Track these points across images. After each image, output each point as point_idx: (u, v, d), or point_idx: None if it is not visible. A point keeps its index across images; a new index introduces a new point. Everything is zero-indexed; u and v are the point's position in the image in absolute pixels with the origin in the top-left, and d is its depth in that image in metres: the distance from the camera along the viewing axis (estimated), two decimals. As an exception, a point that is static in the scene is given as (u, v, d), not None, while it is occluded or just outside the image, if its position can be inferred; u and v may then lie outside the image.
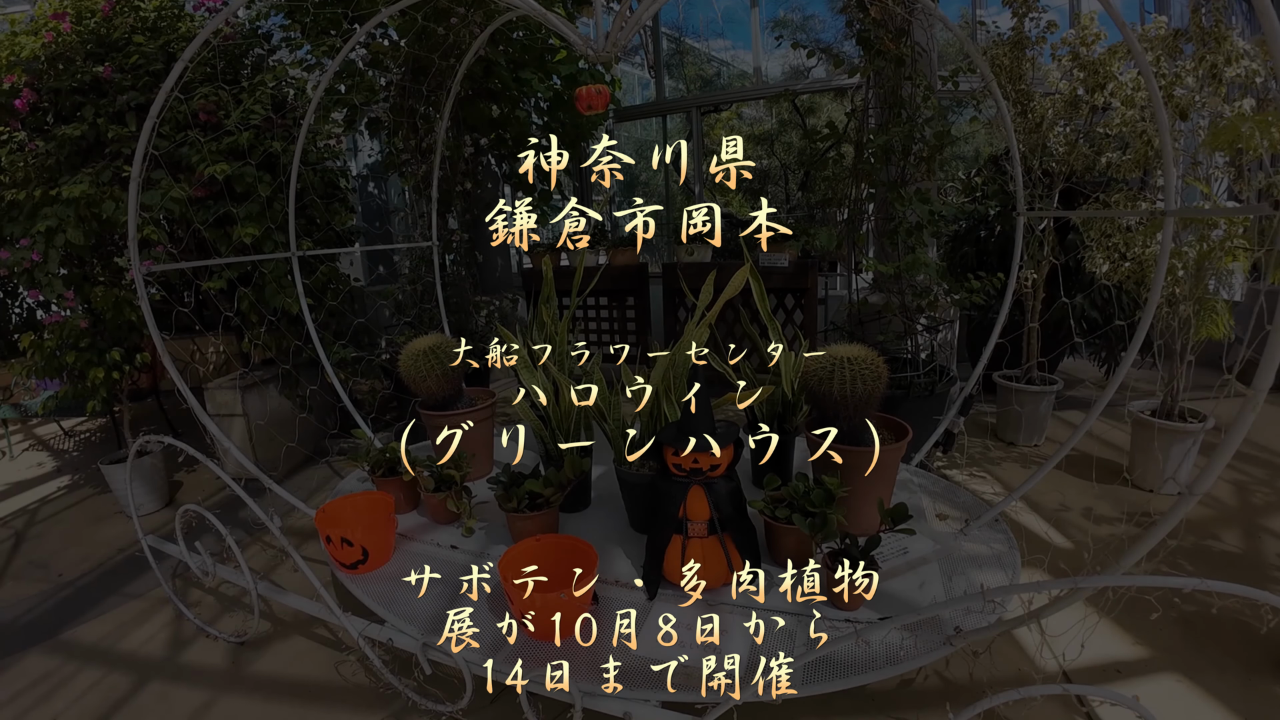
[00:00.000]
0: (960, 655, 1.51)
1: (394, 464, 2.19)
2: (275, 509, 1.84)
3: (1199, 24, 2.51)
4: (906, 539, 1.85)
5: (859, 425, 1.86)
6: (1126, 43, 1.77)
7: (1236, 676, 1.70)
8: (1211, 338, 2.58)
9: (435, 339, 2.35)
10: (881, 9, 2.80)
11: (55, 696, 1.86)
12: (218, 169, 2.74)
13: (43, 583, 2.48)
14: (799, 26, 7.83)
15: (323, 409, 3.39)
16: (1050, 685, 1.17)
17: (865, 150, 3.10)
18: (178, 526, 2.05)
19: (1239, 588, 1.03)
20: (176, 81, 1.78)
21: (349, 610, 1.72)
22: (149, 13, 3.14)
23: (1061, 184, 3.14)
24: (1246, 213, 2.43)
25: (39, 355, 2.82)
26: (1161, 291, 1.94)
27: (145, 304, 1.87)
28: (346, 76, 3.62)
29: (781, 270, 3.85)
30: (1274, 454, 3.01)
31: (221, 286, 2.90)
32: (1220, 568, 2.19)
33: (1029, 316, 3.25)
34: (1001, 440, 3.39)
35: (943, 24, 2.49)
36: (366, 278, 5.47)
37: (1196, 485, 1.14)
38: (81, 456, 3.83)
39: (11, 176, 2.80)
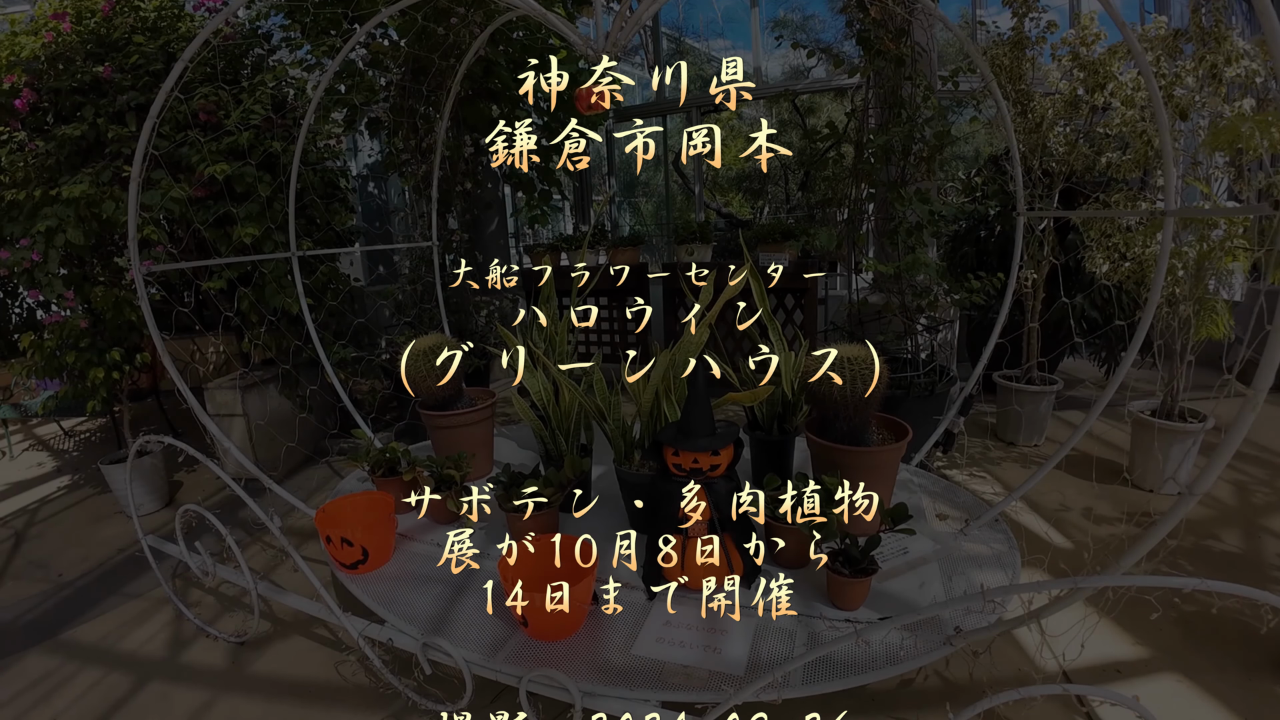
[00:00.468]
0: (960, 655, 1.51)
1: (394, 464, 2.19)
2: (275, 509, 1.84)
3: (1199, 24, 2.51)
4: (906, 539, 1.85)
5: (859, 425, 1.86)
6: (1126, 43, 1.77)
7: (1236, 676, 1.70)
8: (1211, 338, 2.58)
9: (435, 339, 2.35)
10: (881, 9, 2.80)
11: (55, 696, 1.86)
12: (218, 169, 2.74)
13: (43, 583, 2.48)
14: (799, 26, 7.84)
15: (323, 409, 3.39)
16: (1050, 685, 1.17)
17: (865, 150, 3.10)
18: (178, 526, 2.05)
19: (1239, 588, 1.03)
20: (176, 81, 1.78)
21: (349, 610, 1.72)
22: (149, 13, 3.14)
23: (1061, 184, 3.14)
24: (1246, 213, 2.43)
25: (39, 355, 2.82)
26: (1161, 291, 1.94)
27: (145, 304, 1.87)
28: (346, 76, 3.62)
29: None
30: (1274, 454, 3.01)
31: (221, 286, 2.90)
32: (1220, 568, 2.19)
33: (1029, 316, 3.25)
34: (1001, 440, 3.39)
35: (943, 24, 2.49)
36: (366, 278, 5.47)
37: (1196, 485, 1.14)
38: (81, 456, 3.83)
39: (11, 176, 2.80)
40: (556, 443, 2.18)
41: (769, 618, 1.59)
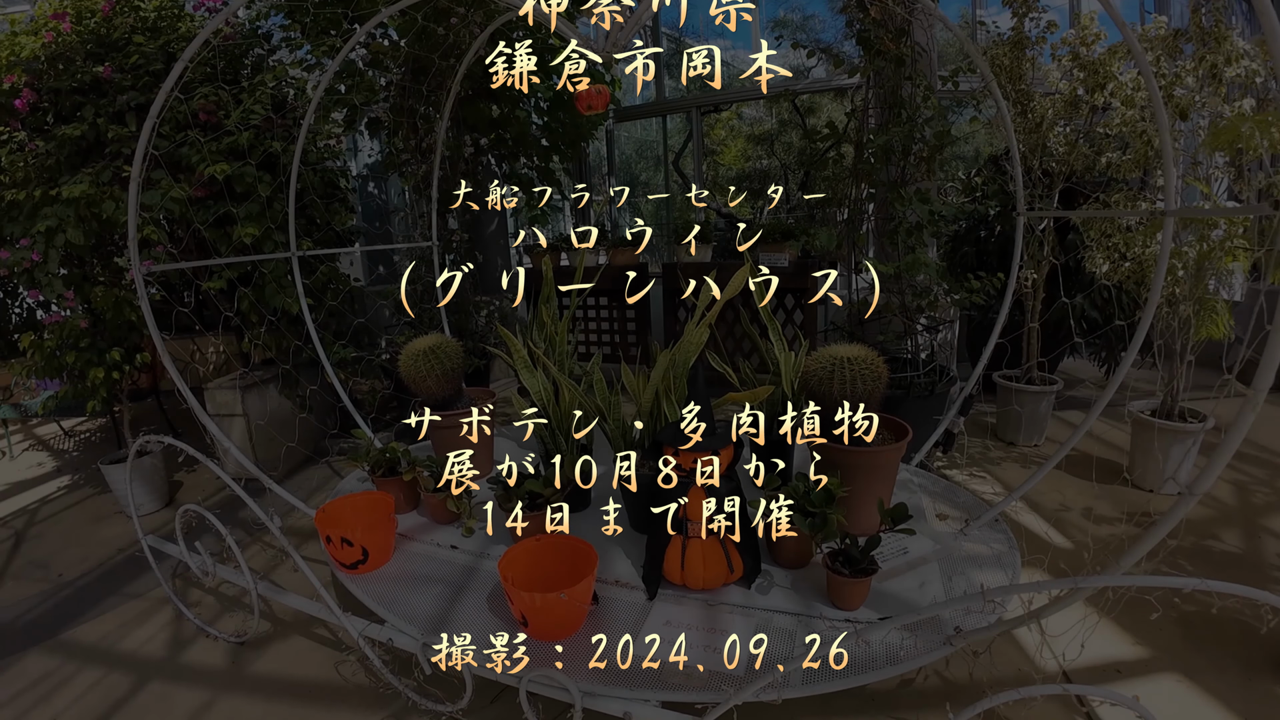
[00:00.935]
0: (960, 655, 1.51)
1: (394, 464, 2.19)
2: (275, 509, 1.84)
3: (1199, 24, 2.51)
4: (906, 539, 1.85)
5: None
6: (1126, 43, 1.77)
7: (1236, 676, 1.70)
8: (1211, 338, 2.58)
9: (435, 339, 2.35)
10: (881, 9, 2.80)
11: (55, 696, 1.86)
12: (218, 169, 2.74)
13: (43, 583, 2.48)
14: (799, 26, 7.82)
15: (323, 409, 3.39)
16: (1050, 685, 1.17)
17: (865, 150, 3.10)
18: (178, 526, 2.05)
19: (1239, 588, 1.03)
20: (176, 81, 1.78)
21: (349, 610, 1.72)
22: (149, 13, 3.14)
23: (1061, 184, 3.14)
24: (1246, 213, 2.43)
25: (39, 355, 2.82)
26: (1161, 291, 1.94)
27: (145, 304, 1.87)
28: (346, 76, 3.62)
29: (781, 270, 3.85)
30: (1274, 454, 3.01)
31: (221, 286, 2.90)
32: (1220, 568, 2.19)
33: (1029, 316, 3.25)
34: (1001, 440, 3.39)
35: (943, 24, 2.49)
36: (366, 278, 5.47)
37: (1196, 485, 1.14)
38: (81, 456, 3.83)
39: (11, 176, 2.80)
40: (556, 443, 2.18)
41: (769, 617, 1.59)
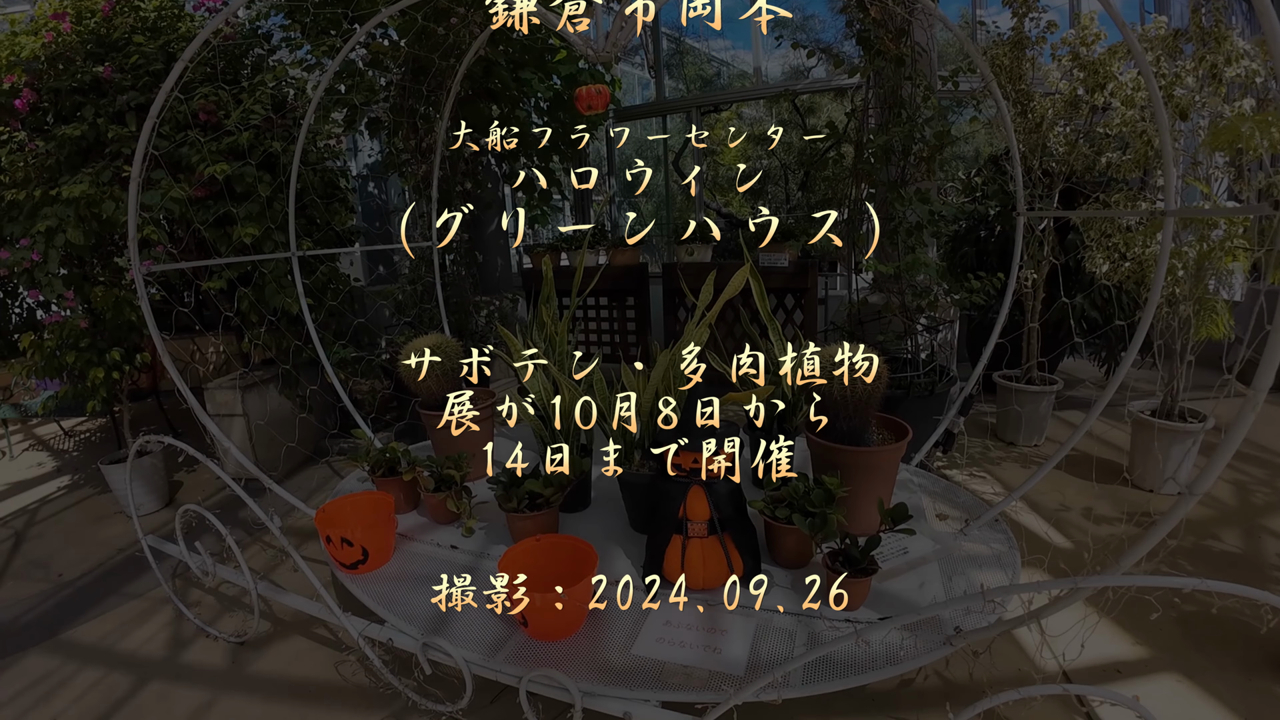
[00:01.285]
0: (960, 655, 1.51)
1: (394, 464, 2.19)
2: (275, 509, 1.84)
3: (1199, 24, 2.51)
4: (906, 539, 1.85)
5: (859, 425, 1.86)
6: (1126, 43, 1.77)
7: (1236, 676, 1.70)
8: (1211, 338, 2.58)
9: (435, 339, 2.35)
10: (881, 9, 2.80)
11: (55, 696, 1.86)
12: (218, 169, 2.74)
13: (43, 583, 2.48)
14: (799, 26, 7.81)
15: (323, 409, 3.39)
16: (1050, 685, 1.17)
17: (865, 150, 3.10)
18: (178, 526, 2.05)
19: (1239, 588, 1.03)
20: (176, 81, 1.78)
21: (349, 610, 1.72)
22: (149, 13, 3.14)
23: (1061, 184, 3.14)
24: (1246, 213, 2.43)
25: (39, 355, 2.82)
26: (1161, 291, 1.94)
27: (145, 304, 1.87)
28: (346, 76, 3.62)
29: (781, 270, 3.85)
30: (1274, 454, 3.01)
31: (221, 286, 2.90)
32: (1220, 568, 2.19)
33: (1029, 316, 3.25)
34: (1001, 440, 3.39)
35: (943, 24, 2.49)
36: (366, 278, 5.47)
37: (1196, 485, 1.14)
38: (81, 456, 3.83)
39: (11, 176, 2.80)
40: (556, 442, 2.18)
41: (769, 617, 1.59)
